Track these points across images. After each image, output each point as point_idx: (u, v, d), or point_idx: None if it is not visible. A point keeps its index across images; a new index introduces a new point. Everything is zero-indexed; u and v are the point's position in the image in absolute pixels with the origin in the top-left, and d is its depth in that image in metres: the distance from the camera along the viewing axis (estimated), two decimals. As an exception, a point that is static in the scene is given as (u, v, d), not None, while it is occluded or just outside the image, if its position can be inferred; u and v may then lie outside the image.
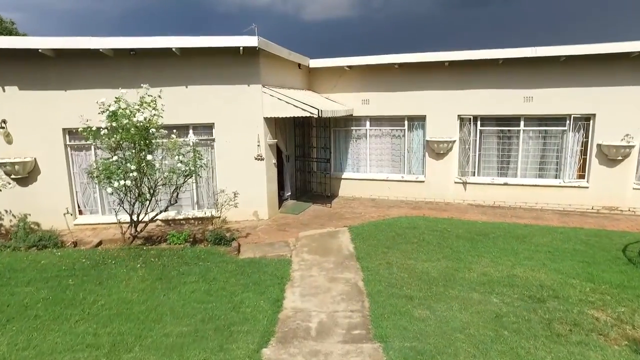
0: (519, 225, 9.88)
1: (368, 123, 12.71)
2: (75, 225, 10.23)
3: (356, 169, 13.14)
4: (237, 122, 10.29)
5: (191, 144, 9.23)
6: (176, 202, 8.82)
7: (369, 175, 12.87)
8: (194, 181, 10.32)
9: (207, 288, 6.51)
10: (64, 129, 9.80)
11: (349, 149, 13.10)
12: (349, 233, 9.37)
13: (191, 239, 8.67)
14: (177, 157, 8.24)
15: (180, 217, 10.51)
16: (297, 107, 10.00)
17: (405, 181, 12.47)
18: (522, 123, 11.45)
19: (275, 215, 11.06)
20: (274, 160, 10.91)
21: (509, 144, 11.75)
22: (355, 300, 6.29)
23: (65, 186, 10.05)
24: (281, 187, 12.61)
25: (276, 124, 11.24)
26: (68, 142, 9.99)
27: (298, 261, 7.89)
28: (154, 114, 8.10)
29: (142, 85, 8.25)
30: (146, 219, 8.70)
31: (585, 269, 7.20)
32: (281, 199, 12.21)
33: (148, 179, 8.32)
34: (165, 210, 8.92)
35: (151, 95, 8.18)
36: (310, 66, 12.57)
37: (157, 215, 8.99)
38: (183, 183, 8.58)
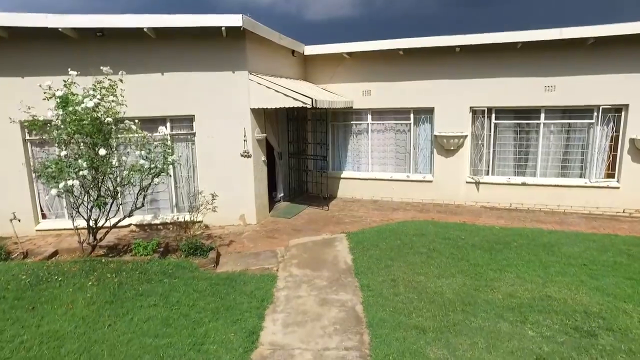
0: (542, 232, 8.43)
1: (369, 117, 11.31)
2: (37, 231, 8.87)
3: (357, 167, 11.74)
4: (221, 114, 8.91)
5: (163, 137, 7.85)
6: (142, 205, 7.39)
7: (370, 175, 11.46)
8: (163, 181, 8.97)
9: (166, 315, 5.11)
10: (22, 122, 8.44)
11: (349, 145, 11.70)
12: (347, 241, 7.97)
13: (162, 249, 7.27)
14: (139, 152, 6.83)
15: (158, 221, 9.13)
16: (288, 96, 8.61)
17: (411, 181, 11.05)
18: (542, 115, 10.01)
19: (265, 220, 9.67)
20: (263, 158, 9.53)
21: (527, 139, 10.30)
22: (351, 332, 4.87)
23: (25, 187, 8.71)
24: (273, 187, 11.21)
25: (266, 117, 9.86)
26: (27, 137, 8.65)
27: (285, 276, 6.49)
28: (112, 102, 6.71)
29: (102, 68, 6.88)
30: (108, 225, 7.33)
31: (636, 288, 5.76)
32: (273, 201, 10.82)
33: (109, 178, 6.95)
34: (130, 215, 7.51)
35: (111, 80, 6.81)
36: (305, 53, 11.16)
37: (120, 220, 7.61)
38: (150, 183, 7.19)
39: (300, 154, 11.23)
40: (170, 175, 8.01)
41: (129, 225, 9.08)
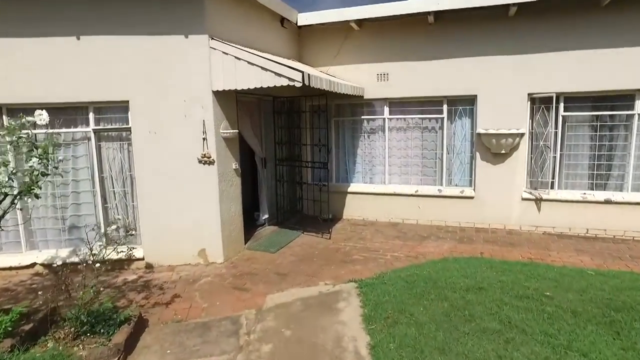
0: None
1: (386, 109, 8.16)
2: None
3: (369, 178, 8.57)
4: (168, 99, 5.81)
5: (42, 127, 4.76)
6: None
7: (388, 188, 8.28)
8: (75, 195, 5.87)
9: None
10: None
11: (359, 148, 8.55)
12: (359, 299, 4.77)
13: (34, 323, 4.10)
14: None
15: (77, 259, 6.00)
16: (267, 70, 5.47)
17: (444, 197, 7.86)
18: (638, 104, 6.83)
19: (238, 255, 6.51)
20: (235, 165, 6.38)
21: (610, 139, 7.07)
22: None
23: None
24: (254, 206, 8.06)
25: (241, 107, 6.74)
26: None
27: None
28: None
29: None
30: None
31: None
32: (253, 225, 7.66)
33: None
34: None
35: None
36: (299, 24, 8.07)
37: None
38: (11, 205, 4.05)
39: (292, 160, 8.07)
40: (38, 190, 4.66)
41: (33, 265, 5.97)
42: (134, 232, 5.16)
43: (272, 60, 5.43)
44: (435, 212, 7.90)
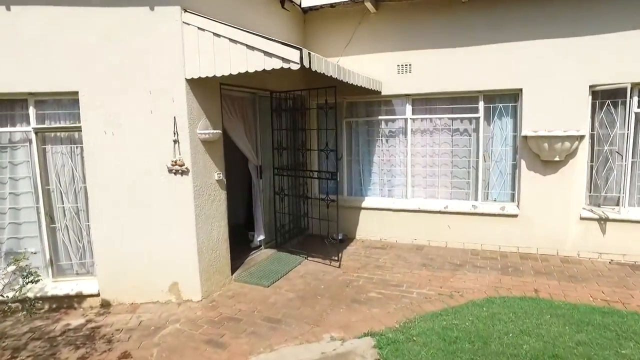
0: None
1: (409, 108, 6.68)
2: None
3: (387, 191, 7.07)
4: (128, 90, 4.41)
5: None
6: None
7: (410, 203, 6.75)
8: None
9: None
10: None
11: (375, 155, 7.07)
12: (379, 370, 3.31)
13: None
14: None
15: (13, 296, 4.63)
16: (254, 49, 4.03)
17: (480, 214, 6.30)
18: None
19: (222, 290, 5.05)
20: (218, 175, 4.92)
21: (697, 143, 5.50)
22: None
23: None
24: (248, 224, 6.62)
25: (228, 103, 5.34)
26: None
27: None
28: None
29: None
30: None
31: None
32: (248, 247, 6.23)
33: None
34: None
35: None
36: (303, 5, 6.66)
37: None
38: None
39: (295, 168, 6.62)
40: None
41: (-44, 303, 4.61)
42: (39, 278, 3.75)
43: (262, 36, 4.00)
44: (469, 233, 6.34)
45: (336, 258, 5.88)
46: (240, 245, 6.35)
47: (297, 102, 6.39)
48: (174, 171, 4.48)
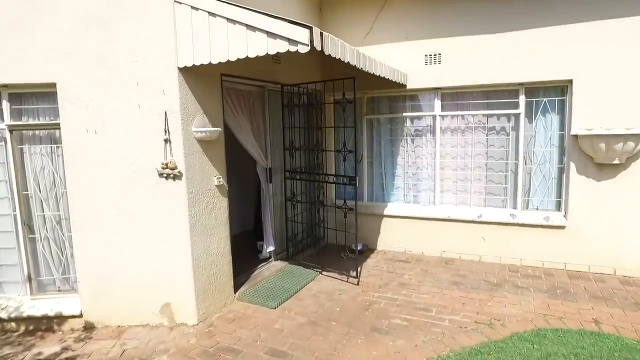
0: None
1: (438, 103, 5.87)
2: None
3: (412, 196, 6.27)
4: (113, 81, 3.79)
5: None
6: None
7: (439, 211, 5.94)
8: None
9: None
10: None
11: (399, 156, 6.29)
12: None
13: None
14: None
15: (-9, 313, 4.06)
16: (255, 29, 3.34)
17: (520, 225, 5.44)
18: None
19: (222, 311, 4.35)
20: (219, 180, 4.23)
21: None
22: None
23: None
24: (258, 233, 5.95)
25: (232, 97, 4.65)
26: None
27: None
28: None
29: None
30: None
31: None
32: (256, 259, 5.55)
33: None
34: None
35: None
36: (318, -11, 5.97)
37: None
38: None
39: (309, 172, 5.92)
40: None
41: None
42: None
43: (264, 13, 3.30)
44: (507, 247, 5.50)
45: (354, 274, 5.13)
46: (247, 256, 5.68)
47: (311, 96, 5.68)
48: (164, 175, 3.82)
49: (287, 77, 5.37)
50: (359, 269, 5.25)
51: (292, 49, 3.18)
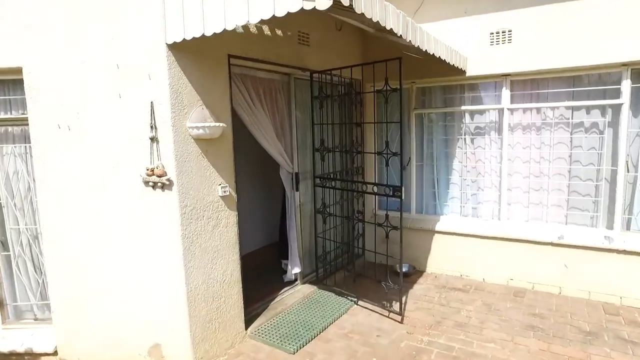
0: None
1: (506, 93, 4.60)
2: None
3: (471, 208, 5.02)
4: (88, 63, 2.92)
5: None
6: None
7: (505, 228, 4.67)
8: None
9: None
10: None
11: (455, 159, 5.09)
12: None
13: None
14: None
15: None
16: (259, -15, 2.40)
17: (618, 251, 4.10)
18: None
19: (226, 355, 3.33)
20: (223, 190, 3.28)
21: None
22: None
23: None
24: (281, 250, 4.98)
25: (244, 84, 3.65)
26: None
27: None
28: None
29: None
30: None
31: None
32: (278, 283, 4.57)
33: None
34: None
35: None
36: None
37: None
38: None
39: (344, 178, 4.89)
40: None
41: None
42: None
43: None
44: (599, 279, 4.18)
45: (397, 303, 4.04)
46: (269, 277, 4.76)
47: (348, 86, 4.65)
48: (150, 184, 2.95)
49: (317, 61, 4.37)
50: (403, 299, 4.16)
51: (308, 6, 2.17)
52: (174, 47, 2.86)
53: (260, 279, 4.74)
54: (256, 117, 3.90)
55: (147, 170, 2.91)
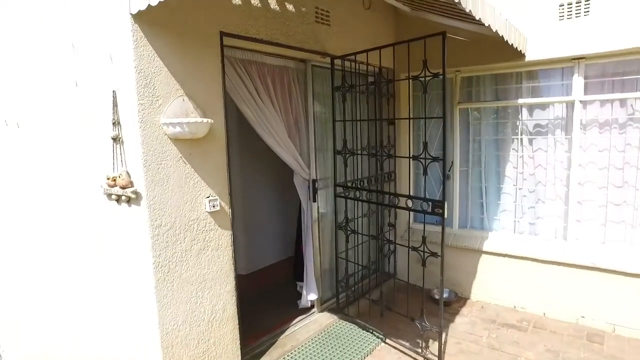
0: None
1: (579, 81, 3.60)
2: None
3: (528, 224, 4.03)
4: (37, 44, 2.32)
5: None
6: None
7: (573, 251, 3.69)
8: None
9: None
10: None
11: (507, 164, 4.14)
12: None
13: None
14: None
15: None
16: None
17: None
18: None
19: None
20: (213, 204, 2.56)
21: None
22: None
23: None
24: (297, 270, 4.22)
25: (248, 72, 2.89)
26: None
27: None
28: None
29: None
30: None
31: None
32: (292, 311, 3.81)
33: None
34: None
35: None
36: None
37: None
38: None
39: (371, 188, 4.08)
40: None
41: None
42: None
43: None
44: None
45: (436, 353, 3.19)
46: (281, 301, 4.03)
47: (376, 74, 3.82)
48: (114, 197, 2.28)
49: (340, 47, 3.59)
50: (443, 339, 3.30)
51: None
52: (142, 20, 2.16)
53: (271, 304, 4.01)
54: (263, 113, 3.16)
55: (108, 179, 2.24)
